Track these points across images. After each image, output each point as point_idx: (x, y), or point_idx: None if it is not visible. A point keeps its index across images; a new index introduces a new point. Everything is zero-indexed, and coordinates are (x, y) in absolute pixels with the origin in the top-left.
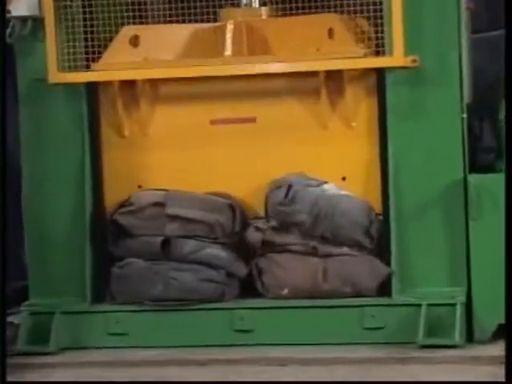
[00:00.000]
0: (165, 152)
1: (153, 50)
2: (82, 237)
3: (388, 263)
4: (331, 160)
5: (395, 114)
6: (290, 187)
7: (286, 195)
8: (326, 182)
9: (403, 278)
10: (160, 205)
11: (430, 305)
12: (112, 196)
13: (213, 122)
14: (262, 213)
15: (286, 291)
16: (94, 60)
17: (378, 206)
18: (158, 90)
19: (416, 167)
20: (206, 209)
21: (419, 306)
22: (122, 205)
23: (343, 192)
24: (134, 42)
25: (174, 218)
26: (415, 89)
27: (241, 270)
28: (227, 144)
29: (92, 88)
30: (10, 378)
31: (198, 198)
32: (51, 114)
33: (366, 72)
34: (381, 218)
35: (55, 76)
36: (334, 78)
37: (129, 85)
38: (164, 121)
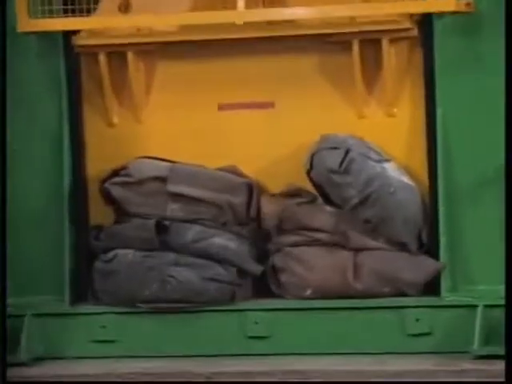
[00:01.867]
0: (162, 144)
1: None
2: (59, 222)
3: (436, 256)
4: None
5: (445, 72)
6: (347, 152)
7: (342, 162)
8: (388, 160)
9: (454, 273)
10: (162, 180)
11: (487, 306)
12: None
13: (221, 108)
14: None
15: (308, 292)
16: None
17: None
18: (154, 66)
19: (471, 136)
20: (217, 188)
21: (474, 307)
22: (116, 173)
23: (405, 179)
24: (125, 7)
25: (178, 196)
26: (469, 40)
27: (254, 266)
28: (239, 135)
29: (73, 60)
30: None
31: (207, 174)
32: (22, 73)
33: (409, 38)
34: None
35: (25, 23)
36: (371, 51)
37: (118, 61)
38: (161, 106)
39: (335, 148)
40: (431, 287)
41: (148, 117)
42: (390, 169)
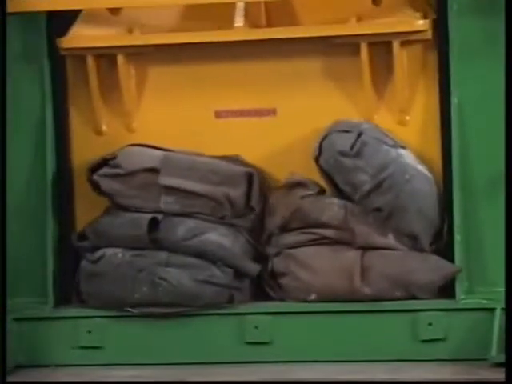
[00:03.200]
0: None
1: (139, 19)
2: (42, 216)
3: (450, 255)
4: None
5: (462, 55)
6: (359, 135)
7: (354, 144)
8: (403, 147)
9: (470, 273)
10: (155, 171)
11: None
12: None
13: (219, 115)
14: None
15: (312, 297)
16: None
17: None
18: (146, 71)
19: (490, 123)
20: (213, 180)
21: (492, 310)
22: (105, 162)
23: (422, 167)
24: (115, 8)
25: (172, 189)
26: (489, 19)
27: (251, 266)
28: (237, 144)
29: (58, 63)
30: None
31: (204, 164)
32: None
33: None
34: None
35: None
36: (380, 53)
37: (108, 64)
38: (154, 113)
39: (347, 131)
40: (445, 289)
41: (139, 125)
42: (406, 155)
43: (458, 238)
